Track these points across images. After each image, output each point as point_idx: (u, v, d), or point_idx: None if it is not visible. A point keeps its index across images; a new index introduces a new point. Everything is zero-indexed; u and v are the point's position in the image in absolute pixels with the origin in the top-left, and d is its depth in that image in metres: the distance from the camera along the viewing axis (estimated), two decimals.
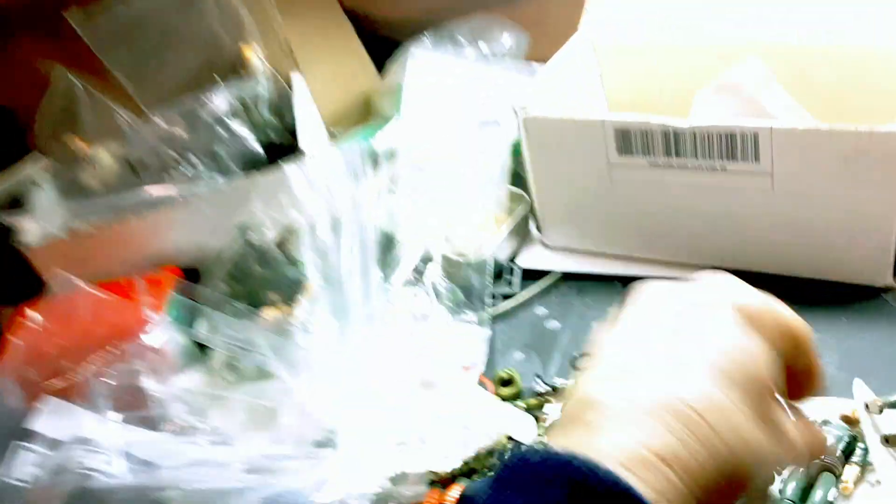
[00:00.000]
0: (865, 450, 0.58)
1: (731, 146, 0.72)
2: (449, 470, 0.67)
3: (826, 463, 0.57)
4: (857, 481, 0.57)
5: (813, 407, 0.46)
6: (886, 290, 0.74)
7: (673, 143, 0.75)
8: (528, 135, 0.81)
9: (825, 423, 0.61)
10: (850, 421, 0.61)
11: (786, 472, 0.57)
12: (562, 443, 0.35)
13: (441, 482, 0.67)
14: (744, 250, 0.78)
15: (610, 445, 0.34)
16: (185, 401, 0.73)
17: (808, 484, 0.57)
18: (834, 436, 0.60)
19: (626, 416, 0.35)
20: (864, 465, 0.58)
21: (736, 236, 0.77)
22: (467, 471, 0.68)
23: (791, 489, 0.56)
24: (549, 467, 0.33)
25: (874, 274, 0.74)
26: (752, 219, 0.75)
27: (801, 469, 0.57)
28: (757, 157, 0.72)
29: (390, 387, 0.72)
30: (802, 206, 0.73)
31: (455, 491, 0.65)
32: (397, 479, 0.66)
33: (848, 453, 0.59)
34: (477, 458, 0.68)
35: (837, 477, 0.57)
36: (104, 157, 0.85)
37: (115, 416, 0.70)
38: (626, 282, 0.87)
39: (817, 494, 0.56)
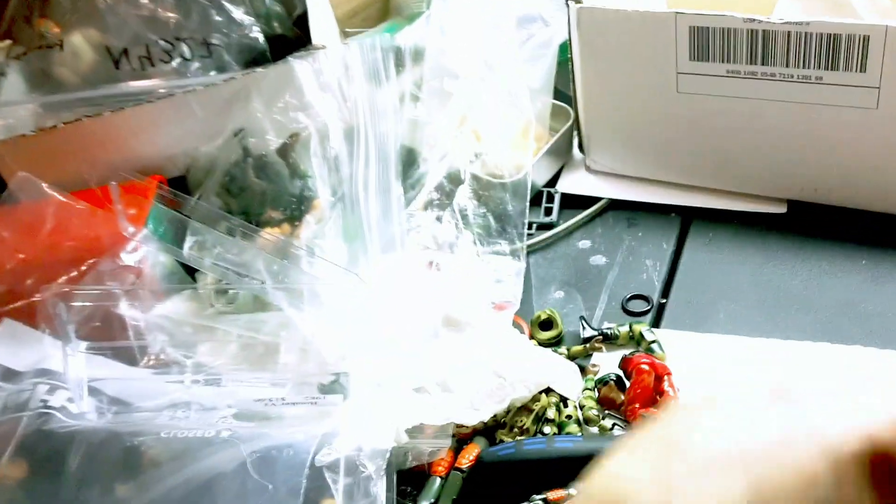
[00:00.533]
0: None
1: (834, 51, 0.60)
2: (476, 423, 0.56)
3: None
4: None
5: None
6: None
7: (760, 47, 0.62)
8: (580, 32, 0.69)
9: None
10: None
11: None
12: None
13: (458, 437, 0.56)
14: (835, 181, 0.66)
15: None
16: (167, 331, 0.62)
17: None
18: None
19: None
20: None
21: (827, 164, 0.66)
22: (492, 425, 0.57)
23: None
24: None
25: None
26: (850, 143, 0.63)
27: None
28: (864, 67, 0.59)
29: (409, 325, 0.61)
30: None
31: (471, 453, 0.55)
32: (415, 432, 0.55)
33: None
34: (508, 411, 0.58)
35: None
36: (79, 43, 0.72)
37: (83, 346, 0.59)
38: (685, 214, 0.77)
39: None
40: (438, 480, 0.54)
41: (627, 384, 0.58)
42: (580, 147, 0.78)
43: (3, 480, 0.52)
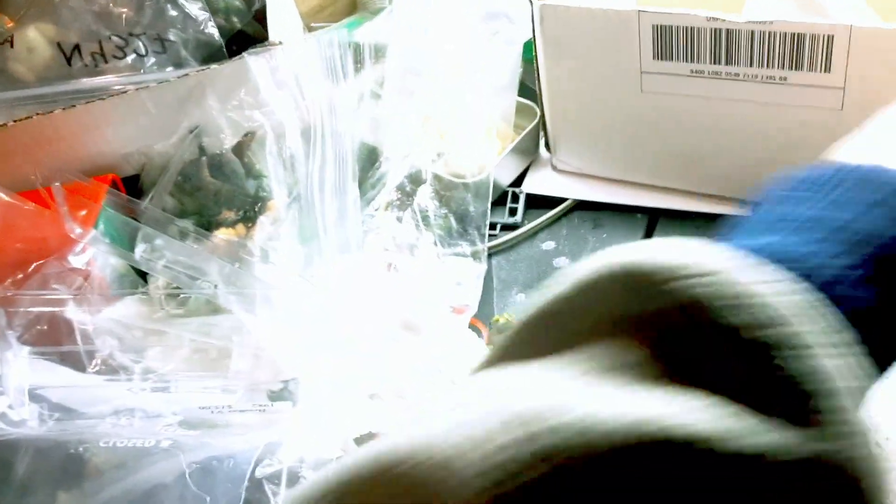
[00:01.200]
0: None
1: (798, 51, 0.58)
2: None
3: None
4: None
5: None
6: None
7: (724, 46, 0.61)
8: (543, 29, 0.67)
9: None
10: None
11: None
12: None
13: None
14: None
15: None
16: (116, 335, 0.60)
17: None
18: None
19: None
20: None
21: (790, 164, 0.64)
22: None
23: None
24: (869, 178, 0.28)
25: None
26: (815, 144, 0.61)
27: None
28: (828, 67, 0.58)
29: (364, 329, 0.60)
30: None
31: None
32: (364, 440, 0.54)
33: None
34: None
35: None
36: (34, 37, 0.71)
37: (25, 351, 0.57)
38: (650, 215, 0.76)
39: None
40: None
41: None
42: (546, 146, 0.76)
43: None
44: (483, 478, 0.21)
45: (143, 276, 0.65)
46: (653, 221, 0.72)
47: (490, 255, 0.70)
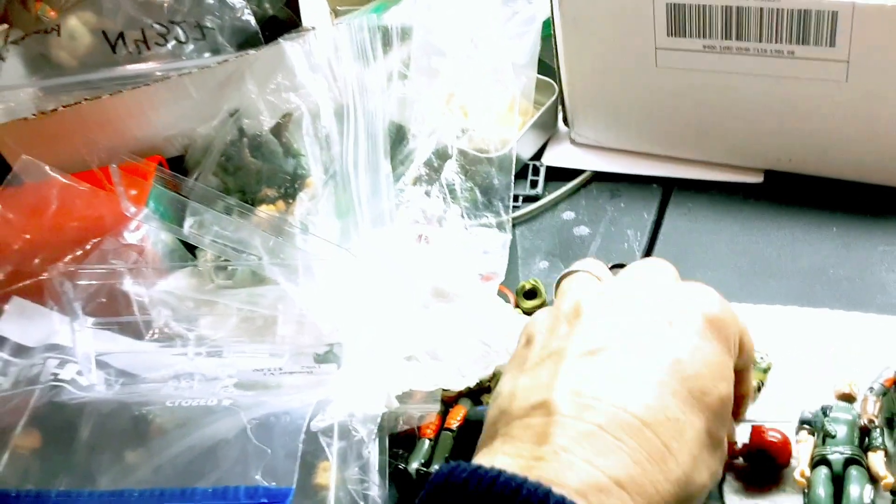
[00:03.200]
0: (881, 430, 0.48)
1: (804, 26, 0.62)
2: (463, 388, 0.59)
3: (852, 454, 0.47)
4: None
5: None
6: None
7: (734, 22, 0.64)
8: (561, 8, 0.71)
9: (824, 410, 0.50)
10: (849, 398, 0.51)
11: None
12: (508, 451, 0.34)
13: (444, 401, 0.59)
14: (808, 152, 0.68)
15: (563, 466, 0.32)
16: (169, 306, 0.65)
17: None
18: (843, 421, 0.48)
19: (579, 430, 0.33)
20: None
21: (800, 135, 0.68)
22: (477, 389, 0.60)
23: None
24: (495, 494, 0.30)
25: None
26: (821, 115, 0.66)
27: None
28: (832, 41, 0.61)
29: (399, 296, 0.64)
30: (880, 102, 0.63)
31: (458, 414, 0.58)
32: (405, 397, 0.59)
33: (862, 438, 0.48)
34: (494, 376, 0.61)
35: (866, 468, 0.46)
36: (76, 26, 0.74)
37: (90, 322, 0.62)
38: (665, 185, 0.80)
39: (852, 492, 0.45)
40: (427, 442, 0.57)
41: None
42: (565, 121, 0.80)
43: (18, 450, 0.55)
44: None
45: (191, 250, 0.69)
46: (667, 191, 0.75)
47: (514, 226, 0.74)
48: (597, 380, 0.35)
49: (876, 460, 0.46)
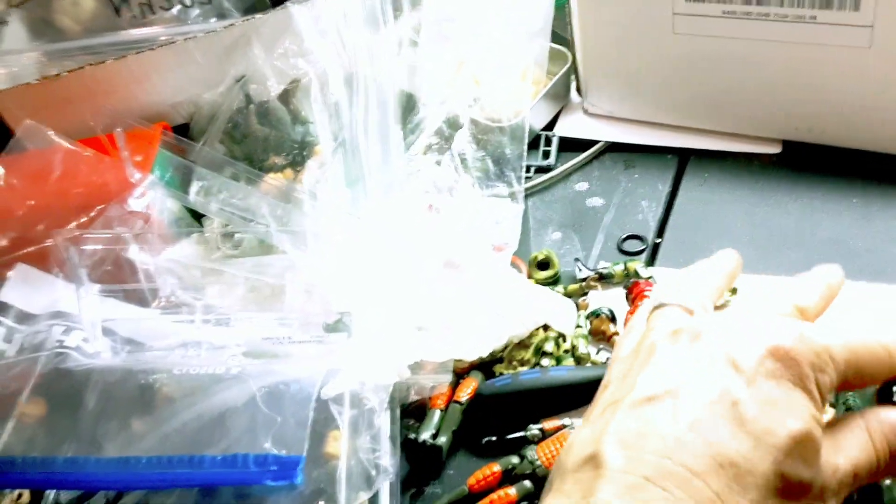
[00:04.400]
0: None
1: None
2: (475, 359, 0.58)
3: None
4: None
5: None
6: None
7: None
8: None
9: None
10: None
11: None
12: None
13: (456, 372, 0.58)
14: (829, 121, 0.67)
15: None
16: (176, 274, 0.64)
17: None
18: (863, 393, 0.44)
19: (625, 483, 0.32)
20: None
21: (820, 104, 0.66)
22: (489, 360, 0.59)
23: None
24: None
25: None
26: (843, 82, 0.64)
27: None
28: (857, 5, 0.60)
29: (410, 266, 0.63)
30: None
31: (469, 386, 0.57)
32: (417, 368, 0.58)
33: None
34: (506, 347, 0.60)
35: None
36: None
37: (96, 288, 0.60)
38: (681, 155, 0.77)
39: None
40: (438, 413, 0.56)
41: (622, 316, 0.60)
42: (578, 90, 0.78)
43: (24, 418, 0.54)
44: None
45: (198, 217, 0.68)
46: (683, 161, 0.74)
47: (526, 196, 0.73)
48: (646, 429, 0.33)
49: None
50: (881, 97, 0.63)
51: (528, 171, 0.75)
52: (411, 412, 0.57)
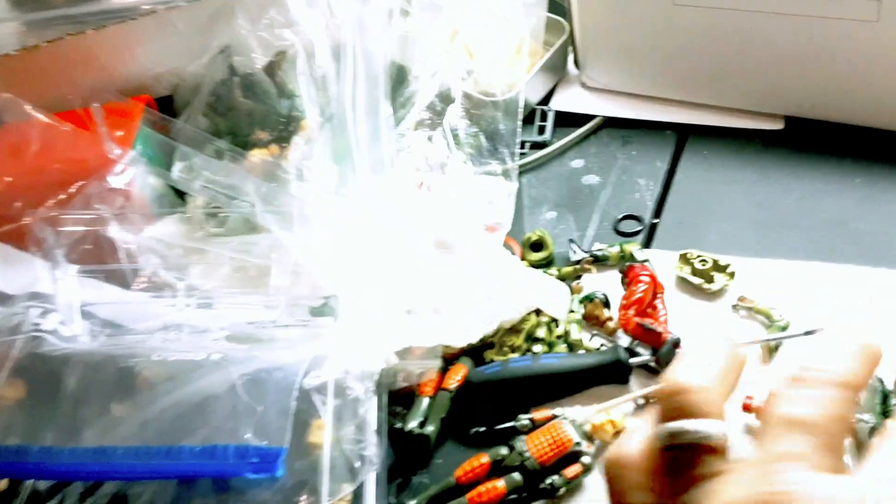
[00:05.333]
0: None
1: None
2: (466, 345, 0.57)
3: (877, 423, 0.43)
4: None
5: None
6: None
7: None
8: None
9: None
10: None
11: None
12: None
13: (445, 357, 0.57)
14: (833, 97, 0.65)
15: None
16: (158, 254, 0.62)
17: None
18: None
19: None
20: None
21: (825, 79, 0.64)
22: (480, 346, 0.58)
23: None
24: None
25: None
26: (849, 56, 0.62)
27: None
28: None
29: (399, 247, 0.61)
30: None
31: (458, 373, 0.55)
32: (405, 353, 0.56)
33: None
34: (496, 332, 0.58)
35: None
36: None
37: (74, 269, 0.59)
38: (680, 131, 0.73)
39: None
40: (427, 400, 0.55)
41: (616, 300, 0.58)
42: (576, 63, 0.76)
43: (1, 401, 0.53)
44: None
45: (181, 196, 0.66)
46: (682, 138, 0.72)
47: (520, 174, 0.71)
48: None
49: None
50: (888, 72, 0.61)
51: (522, 146, 0.73)
52: (399, 399, 0.56)
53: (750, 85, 0.67)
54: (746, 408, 0.49)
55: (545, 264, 0.63)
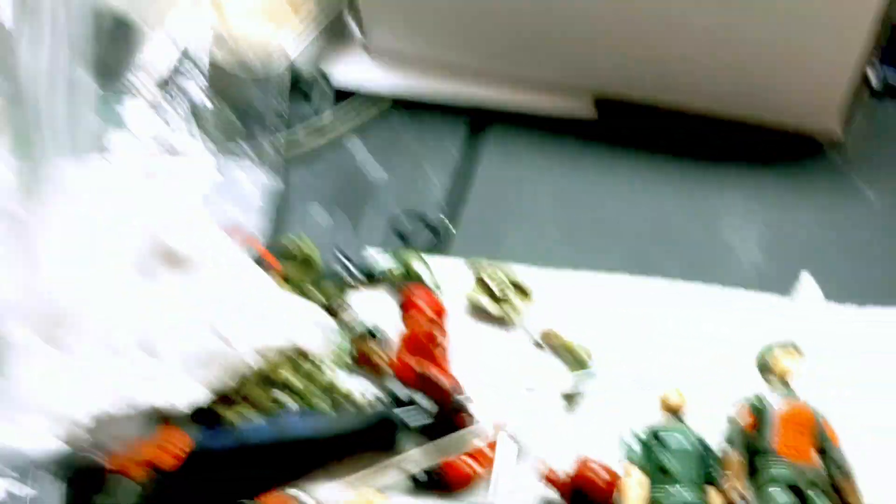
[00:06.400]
0: None
1: None
2: (187, 408, 0.43)
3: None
4: None
5: None
6: (834, 146, 0.59)
7: None
8: None
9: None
10: (676, 409, 0.42)
11: None
12: None
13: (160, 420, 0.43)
14: (653, 73, 0.59)
15: None
16: None
17: None
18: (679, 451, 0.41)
19: None
20: None
21: (646, 52, 0.58)
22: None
23: None
24: None
25: (818, 119, 0.57)
26: (663, 31, 0.55)
27: None
28: None
29: (106, 258, 0.48)
30: (747, 14, 0.52)
31: (175, 445, 0.41)
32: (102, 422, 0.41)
33: None
34: (239, 381, 0.45)
35: None
36: None
37: None
38: (479, 117, 0.63)
39: None
40: (130, 485, 0.40)
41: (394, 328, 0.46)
42: (358, 24, 0.63)
43: None
44: None
45: None
46: (483, 124, 0.61)
47: (285, 164, 0.59)
48: None
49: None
50: (718, 46, 0.54)
51: (289, 127, 0.60)
52: (90, 482, 0.41)
53: (564, 53, 0.60)
54: (549, 479, 0.39)
55: (308, 279, 0.50)
